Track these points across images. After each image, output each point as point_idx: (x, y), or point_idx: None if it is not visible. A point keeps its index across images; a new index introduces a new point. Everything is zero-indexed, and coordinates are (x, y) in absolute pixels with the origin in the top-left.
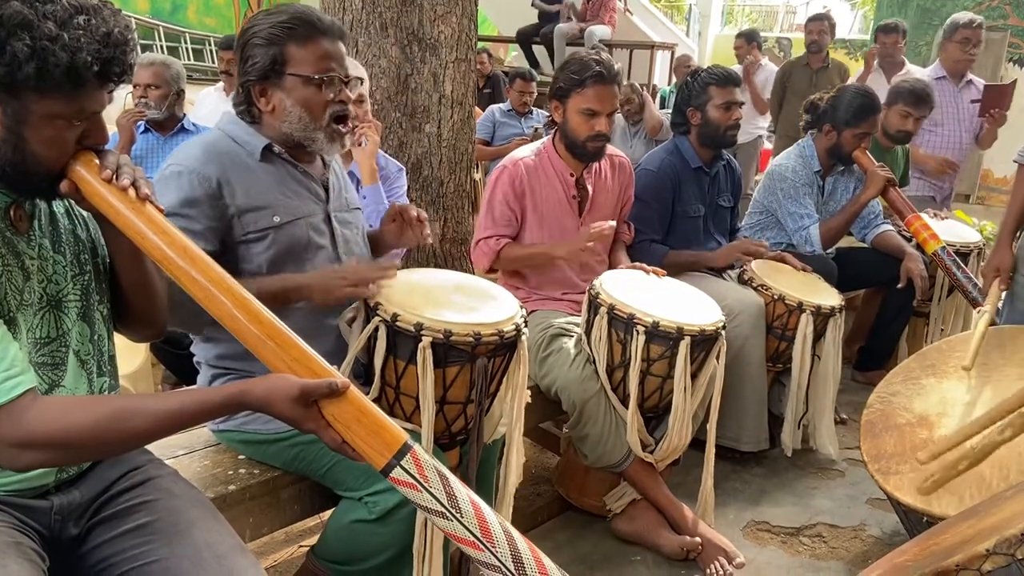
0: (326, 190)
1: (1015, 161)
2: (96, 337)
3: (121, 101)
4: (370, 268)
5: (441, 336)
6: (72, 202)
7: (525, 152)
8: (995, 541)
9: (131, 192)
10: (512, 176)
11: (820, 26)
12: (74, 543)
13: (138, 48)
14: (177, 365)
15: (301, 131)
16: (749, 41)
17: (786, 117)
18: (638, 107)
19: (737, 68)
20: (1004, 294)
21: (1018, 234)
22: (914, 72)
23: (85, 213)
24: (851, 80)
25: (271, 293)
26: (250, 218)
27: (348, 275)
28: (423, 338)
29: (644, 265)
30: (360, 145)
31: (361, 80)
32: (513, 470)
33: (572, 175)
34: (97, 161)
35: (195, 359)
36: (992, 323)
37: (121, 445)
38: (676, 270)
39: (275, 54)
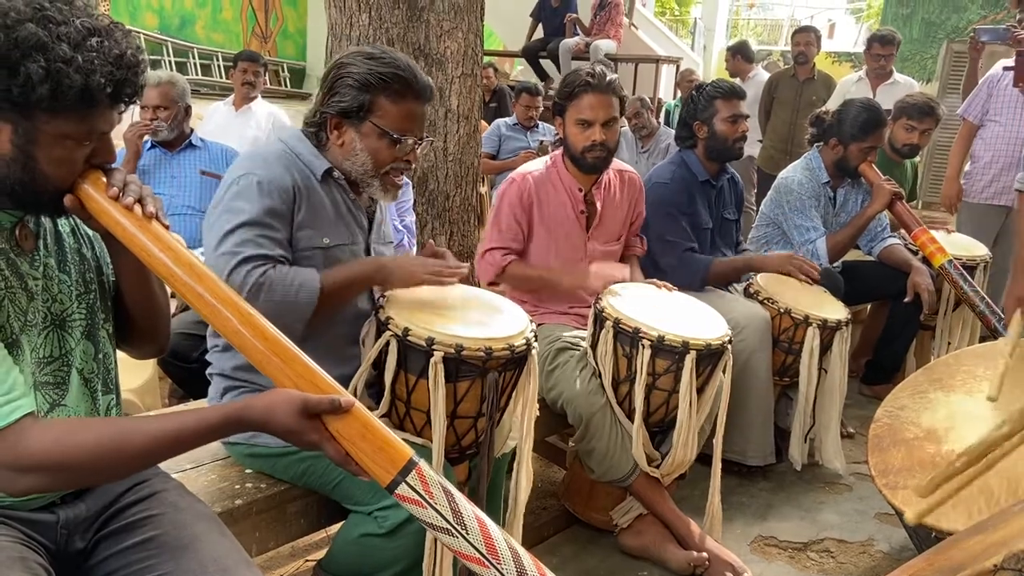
0: (370, 222)
1: (1016, 189)
2: (101, 355)
3: (129, 116)
4: (448, 265)
5: (452, 351)
6: (78, 221)
7: (535, 166)
8: (1003, 556)
9: (137, 209)
10: (520, 189)
11: (807, 38)
12: (80, 557)
13: (148, 67)
14: (184, 379)
15: (361, 173)
16: (735, 55)
17: (773, 127)
18: (647, 121)
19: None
20: None
21: None
22: (902, 84)
23: (91, 232)
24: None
25: (348, 283)
26: (304, 235)
27: (430, 266)
28: (435, 353)
29: (655, 280)
30: None
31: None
32: (524, 485)
33: (580, 190)
34: (104, 179)
35: (208, 370)
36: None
37: (122, 468)
38: (726, 278)
39: (364, 100)
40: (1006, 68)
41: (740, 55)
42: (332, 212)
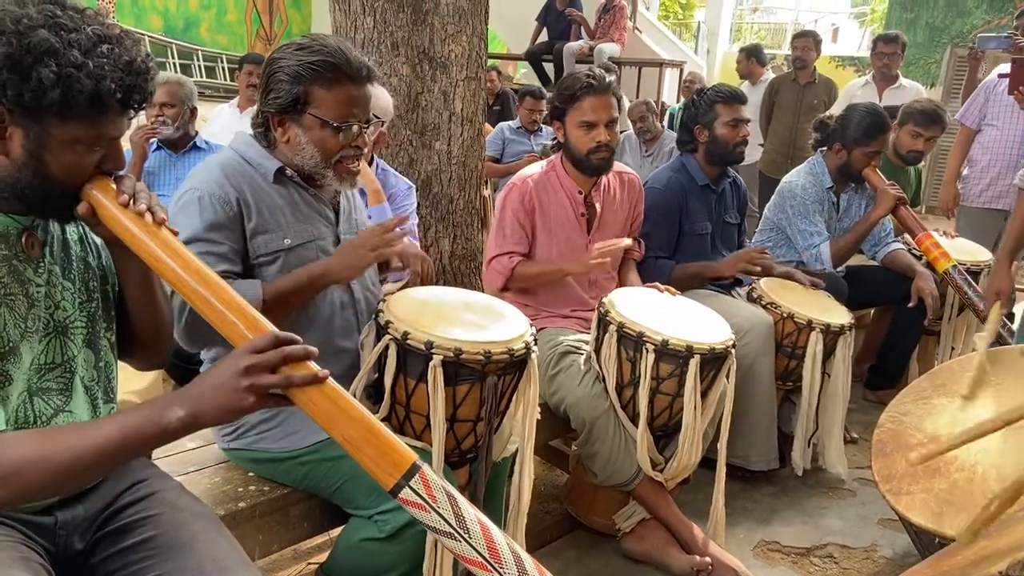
0: (336, 213)
1: (1018, 186)
2: (102, 364)
3: (135, 120)
4: (385, 227)
5: (452, 354)
6: (86, 229)
7: (534, 169)
8: (1008, 563)
9: (147, 217)
10: (521, 193)
11: (805, 43)
12: (80, 557)
13: (157, 73)
14: (189, 380)
15: (312, 167)
16: (749, 57)
17: (774, 131)
18: (651, 125)
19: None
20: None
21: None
22: (908, 88)
23: (98, 241)
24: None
25: (294, 290)
26: (261, 240)
27: (367, 241)
28: (434, 356)
29: (658, 284)
30: None
31: (382, 120)
32: (525, 488)
33: (580, 192)
34: (114, 186)
35: None
36: (994, 344)
37: (67, 474)
38: (684, 283)
39: (299, 93)
40: (1001, 76)
41: (754, 58)
42: (290, 212)
